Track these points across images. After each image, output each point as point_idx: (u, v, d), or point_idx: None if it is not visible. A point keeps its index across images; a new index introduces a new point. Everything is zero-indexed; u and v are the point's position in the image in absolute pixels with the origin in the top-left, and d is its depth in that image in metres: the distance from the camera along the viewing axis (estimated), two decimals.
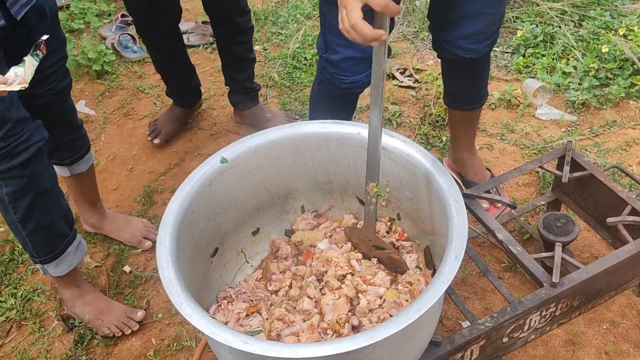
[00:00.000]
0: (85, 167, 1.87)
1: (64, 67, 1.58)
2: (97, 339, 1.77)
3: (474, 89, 1.90)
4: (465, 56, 1.66)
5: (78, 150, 1.81)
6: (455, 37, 1.62)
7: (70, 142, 1.77)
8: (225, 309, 1.35)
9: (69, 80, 1.65)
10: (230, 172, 1.39)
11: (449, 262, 1.10)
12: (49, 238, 1.58)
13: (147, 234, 2.03)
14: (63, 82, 1.60)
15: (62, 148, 1.77)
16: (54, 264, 1.62)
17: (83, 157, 1.84)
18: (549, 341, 1.66)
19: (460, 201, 1.20)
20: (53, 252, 1.60)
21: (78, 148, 1.81)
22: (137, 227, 2.04)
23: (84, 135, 1.83)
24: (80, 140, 1.81)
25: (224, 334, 1.02)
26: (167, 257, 1.17)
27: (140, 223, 2.06)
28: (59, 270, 1.64)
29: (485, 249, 1.92)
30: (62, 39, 1.56)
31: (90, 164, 1.89)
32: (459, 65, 1.75)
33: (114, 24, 3.19)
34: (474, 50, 1.65)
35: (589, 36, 2.71)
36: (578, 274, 1.50)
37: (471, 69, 1.80)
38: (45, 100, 1.56)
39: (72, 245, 1.64)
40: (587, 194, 1.82)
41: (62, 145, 1.76)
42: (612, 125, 2.35)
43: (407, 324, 1.01)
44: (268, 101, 2.66)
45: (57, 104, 1.61)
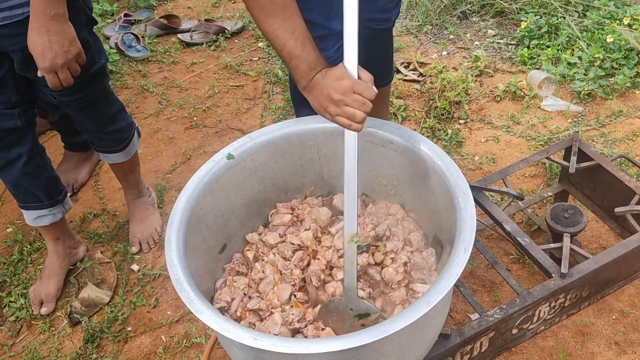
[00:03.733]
0: (123, 157, 1.93)
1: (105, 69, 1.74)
2: (108, 337, 1.78)
3: (385, 61, 1.92)
4: (380, 26, 1.70)
5: (120, 142, 1.88)
6: (370, 11, 1.65)
7: (112, 132, 1.84)
8: (231, 285, 1.35)
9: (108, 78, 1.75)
10: (237, 168, 1.39)
11: (458, 255, 1.09)
12: (25, 197, 1.79)
13: (144, 240, 2.03)
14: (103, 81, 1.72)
15: (105, 136, 1.85)
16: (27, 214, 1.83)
17: (124, 149, 1.91)
18: (558, 332, 1.66)
19: (468, 193, 1.20)
20: (18, 201, 1.82)
21: (120, 140, 1.88)
22: (145, 228, 2.04)
23: (119, 130, 1.86)
24: (118, 134, 1.86)
25: (235, 330, 1.02)
26: (175, 255, 1.17)
27: (152, 226, 2.06)
28: (31, 221, 1.83)
29: (493, 241, 1.91)
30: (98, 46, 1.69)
31: (126, 158, 1.93)
32: (373, 39, 1.77)
33: (117, 24, 3.19)
34: (386, 19, 1.69)
35: (594, 26, 2.70)
36: (587, 264, 1.49)
37: (383, 40, 1.82)
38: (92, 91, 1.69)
39: (32, 210, 1.81)
40: (595, 185, 1.81)
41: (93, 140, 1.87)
42: (618, 115, 2.34)
43: (417, 318, 1.01)
44: (272, 98, 2.65)
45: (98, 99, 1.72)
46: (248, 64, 2.91)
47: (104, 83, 1.73)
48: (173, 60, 2.97)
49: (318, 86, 1.25)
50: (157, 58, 2.99)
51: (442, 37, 2.93)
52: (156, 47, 3.07)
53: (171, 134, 2.52)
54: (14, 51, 1.50)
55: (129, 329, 1.81)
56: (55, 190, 1.82)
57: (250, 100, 2.67)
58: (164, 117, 2.62)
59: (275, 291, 1.32)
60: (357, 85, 1.18)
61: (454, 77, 2.55)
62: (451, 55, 2.79)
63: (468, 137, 2.33)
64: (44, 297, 1.88)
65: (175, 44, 3.09)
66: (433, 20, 3.01)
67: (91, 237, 2.10)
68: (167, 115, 2.62)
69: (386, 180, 1.48)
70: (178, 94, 2.75)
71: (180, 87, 2.79)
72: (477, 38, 2.89)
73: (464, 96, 2.48)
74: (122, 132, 1.87)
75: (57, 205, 1.84)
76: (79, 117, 1.77)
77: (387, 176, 1.46)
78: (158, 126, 2.57)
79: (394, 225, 1.42)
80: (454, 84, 2.52)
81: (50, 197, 1.81)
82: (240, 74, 2.83)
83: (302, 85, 1.29)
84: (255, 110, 2.60)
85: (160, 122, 2.59)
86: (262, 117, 2.55)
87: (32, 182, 1.75)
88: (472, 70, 2.64)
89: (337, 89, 1.20)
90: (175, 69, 2.93)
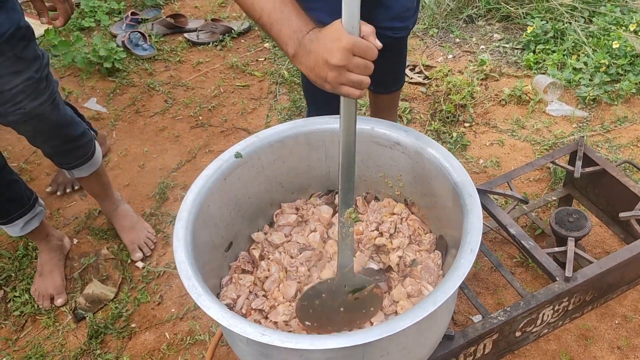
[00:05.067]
0: (86, 172, 1.85)
1: (32, 87, 1.51)
2: (112, 333, 1.79)
3: (398, 68, 1.93)
4: (397, 35, 1.69)
5: (77, 159, 1.79)
6: (387, 19, 1.64)
7: (64, 152, 1.75)
8: (236, 283, 1.36)
9: (47, 98, 1.56)
10: (245, 167, 1.40)
11: (465, 256, 1.10)
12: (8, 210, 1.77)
13: (143, 244, 2.01)
14: (34, 101, 1.53)
15: (57, 155, 1.77)
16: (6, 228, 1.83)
17: (83, 165, 1.82)
18: (561, 336, 1.66)
19: (475, 195, 1.20)
20: (2, 219, 1.78)
21: (76, 157, 1.79)
22: (138, 234, 2.02)
23: (84, 145, 1.78)
24: (79, 150, 1.78)
25: (242, 325, 1.03)
26: (183, 250, 1.18)
27: (143, 230, 2.04)
28: (19, 231, 1.83)
29: (497, 244, 1.92)
30: (27, 60, 1.49)
31: (92, 170, 1.86)
32: (388, 46, 1.77)
33: (124, 22, 3.21)
34: (403, 28, 1.69)
35: (600, 32, 2.71)
36: (591, 268, 1.50)
37: (397, 49, 1.84)
38: (17, 118, 1.53)
39: (18, 220, 1.80)
40: (599, 189, 1.82)
41: (57, 154, 1.76)
42: (623, 121, 2.35)
43: (424, 316, 1.01)
44: (278, 98, 2.66)
45: (32, 121, 1.57)
46: (254, 64, 2.92)
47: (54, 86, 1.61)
48: (179, 59, 2.98)
49: (311, 53, 1.05)
50: (164, 57, 3.00)
51: (448, 41, 2.94)
52: (162, 46, 3.08)
53: (177, 133, 2.53)
54: None
55: (133, 325, 1.82)
56: (28, 190, 1.81)
57: (256, 100, 2.68)
58: (169, 115, 2.63)
59: (281, 288, 1.32)
60: (358, 45, 1.00)
61: (460, 81, 2.56)
62: (457, 59, 2.80)
63: (473, 140, 2.33)
64: (53, 290, 1.89)
65: (181, 43, 3.11)
66: (439, 23, 3.02)
67: (96, 233, 2.11)
68: (173, 114, 2.63)
69: (392, 182, 1.49)
70: (184, 92, 2.76)
71: (187, 86, 2.80)
72: (483, 42, 2.90)
73: (469, 99, 2.49)
74: (83, 140, 1.77)
75: (35, 204, 1.83)
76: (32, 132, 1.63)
77: (393, 177, 1.47)
78: (164, 124, 2.58)
79: (399, 223, 1.42)
80: (460, 87, 2.53)
81: (29, 198, 1.79)
82: (246, 74, 2.84)
83: (290, 53, 1.10)
84: (260, 110, 2.61)
85: (166, 121, 2.60)
86: (268, 117, 2.56)
87: (12, 192, 1.73)
88: (477, 73, 2.65)
89: (335, 52, 1.01)
90: (181, 68, 2.94)
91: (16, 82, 1.48)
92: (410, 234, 1.41)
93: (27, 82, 1.50)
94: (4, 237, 2.13)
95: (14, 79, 1.48)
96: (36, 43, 1.55)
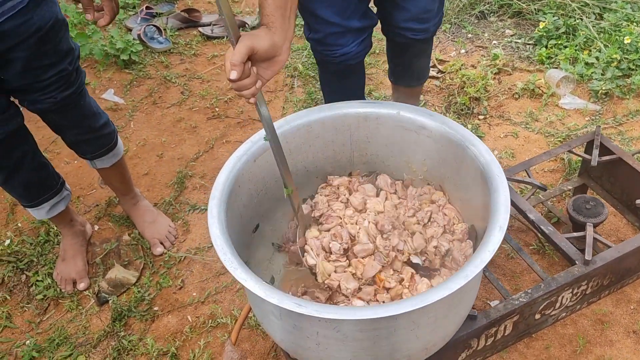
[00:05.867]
0: (108, 163, 1.88)
1: (64, 79, 1.56)
2: (135, 315, 1.82)
3: (420, 67, 1.95)
4: (416, 37, 1.71)
5: (99, 148, 1.82)
6: (404, 20, 1.66)
7: (87, 141, 1.79)
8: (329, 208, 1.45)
9: (76, 89, 1.62)
10: None
11: (494, 233, 1.13)
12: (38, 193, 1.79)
13: (165, 238, 2.03)
14: (65, 91, 1.58)
15: (80, 144, 1.80)
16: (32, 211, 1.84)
17: (105, 155, 1.85)
18: (577, 320, 1.69)
19: (502, 176, 1.24)
20: (30, 201, 1.80)
21: (98, 146, 1.82)
22: (159, 228, 2.04)
23: (106, 134, 1.81)
24: (101, 140, 1.80)
25: (278, 296, 1.06)
26: (217, 227, 1.21)
27: (165, 225, 2.06)
28: (46, 214, 1.85)
29: (514, 232, 1.95)
30: (62, 52, 1.53)
31: (114, 161, 1.89)
32: (409, 46, 1.79)
33: (139, 16, 3.24)
34: (423, 30, 1.69)
35: (611, 28, 2.74)
36: (610, 252, 1.53)
37: (419, 50, 1.85)
38: (46, 106, 1.58)
39: (45, 203, 1.82)
40: (615, 178, 1.85)
41: (80, 142, 1.79)
42: (635, 115, 2.38)
43: (455, 289, 1.04)
44: (294, 90, 2.70)
45: (60, 110, 1.62)
46: None
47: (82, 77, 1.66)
48: (194, 52, 3.02)
49: None
50: (179, 50, 3.04)
51: (461, 36, 2.97)
52: (177, 39, 3.12)
53: (194, 123, 2.56)
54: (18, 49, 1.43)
55: (156, 308, 1.85)
56: (56, 174, 1.84)
57: (272, 92, 2.71)
58: (186, 107, 2.66)
59: (366, 263, 1.36)
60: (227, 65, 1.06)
61: (473, 74, 2.59)
62: (469, 54, 2.84)
63: (487, 132, 2.37)
64: (75, 275, 1.92)
65: (196, 37, 3.14)
66: (452, 19, 3.05)
67: (117, 220, 2.14)
68: (190, 105, 2.67)
69: (416, 166, 1.52)
70: (200, 85, 2.79)
71: (202, 78, 2.83)
72: (495, 37, 2.93)
73: (483, 93, 2.52)
74: (105, 130, 1.80)
75: (62, 188, 1.85)
76: (58, 120, 1.68)
77: (418, 162, 1.50)
78: (181, 115, 2.61)
79: (436, 212, 1.45)
80: (474, 80, 2.56)
81: (57, 182, 1.82)
82: None
83: None
84: (276, 102, 2.65)
85: (183, 112, 2.63)
86: (284, 109, 2.59)
87: (42, 174, 1.76)
88: (490, 68, 2.68)
89: None
90: (196, 61, 2.97)
91: (52, 73, 1.52)
92: (445, 224, 1.43)
93: (61, 74, 1.55)
94: (26, 224, 2.16)
95: (49, 70, 1.52)
96: (70, 35, 1.58)
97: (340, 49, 1.68)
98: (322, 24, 1.63)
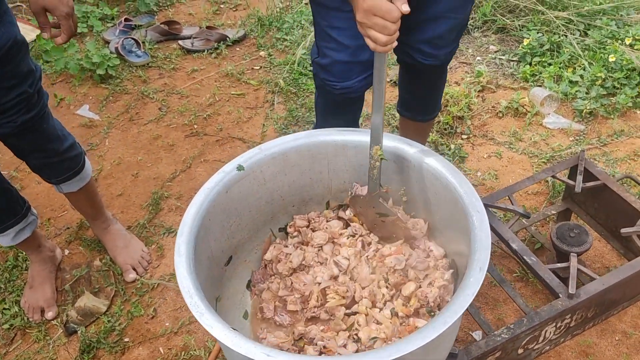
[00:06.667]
0: (75, 187, 1.80)
1: (25, 101, 1.50)
2: (104, 347, 1.74)
3: (428, 99, 1.89)
4: (425, 62, 1.64)
5: (64, 172, 1.74)
6: (417, 41, 1.61)
7: (51, 165, 1.71)
8: None
9: (38, 111, 1.55)
10: (247, 179, 1.37)
11: (474, 274, 1.08)
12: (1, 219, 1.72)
13: (137, 264, 1.95)
14: (26, 115, 1.51)
15: (44, 169, 1.72)
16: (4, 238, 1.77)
17: (72, 179, 1.77)
18: (562, 352, 1.65)
19: (482, 212, 1.19)
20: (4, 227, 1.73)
21: (63, 170, 1.74)
22: (132, 253, 1.97)
23: (72, 157, 1.73)
24: (66, 163, 1.72)
25: (246, 345, 1.00)
26: (185, 267, 1.15)
27: (138, 250, 1.98)
28: (10, 241, 1.77)
29: (496, 258, 1.90)
30: (22, 74, 1.47)
31: (82, 185, 1.81)
32: (418, 71, 1.74)
33: (118, 28, 3.17)
34: (433, 55, 1.63)
35: (596, 45, 2.72)
36: (594, 285, 1.49)
37: (428, 77, 1.79)
38: (6, 130, 1.51)
39: (10, 230, 1.74)
40: (599, 204, 1.82)
41: (43, 167, 1.71)
42: (620, 135, 2.35)
43: (433, 338, 0.99)
44: (274, 107, 2.64)
45: (21, 134, 1.55)
46: (249, 72, 2.90)
47: (45, 99, 1.59)
48: (174, 66, 2.95)
49: (353, 1, 1.19)
50: (158, 64, 2.97)
51: None
52: (156, 53, 3.05)
53: (171, 141, 2.49)
54: None
55: (126, 339, 1.77)
56: (21, 199, 1.76)
57: (252, 109, 2.65)
58: (164, 123, 2.60)
59: None
60: (377, 7, 1.12)
61: (457, 92, 2.55)
62: (453, 70, 2.80)
63: (471, 152, 2.32)
64: (43, 303, 1.85)
65: (176, 50, 3.07)
66: None
67: (88, 244, 2.07)
68: (167, 122, 2.60)
69: (397, 196, 1.47)
70: (178, 100, 2.73)
71: (181, 94, 2.77)
72: (479, 53, 2.90)
73: (467, 111, 2.48)
74: (70, 153, 1.72)
75: (28, 213, 1.77)
76: (19, 144, 1.61)
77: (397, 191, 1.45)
78: (158, 132, 2.54)
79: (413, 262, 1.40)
80: (457, 98, 2.52)
81: (21, 207, 1.74)
82: (241, 83, 2.82)
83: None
84: (256, 119, 2.59)
85: (161, 129, 2.56)
86: (264, 127, 2.53)
87: (5, 200, 1.69)
88: (474, 85, 2.65)
89: (359, 9, 1.15)
90: (175, 75, 2.91)
91: (10, 97, 1.46)
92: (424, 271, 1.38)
93: (21, 97, 1.48)
94: None
95: (8, 93, 1.45)
96: (30, 56, 1.52)
97: (343, 82, 1.60)
98: (333, 49, 1.55)
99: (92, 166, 2.33)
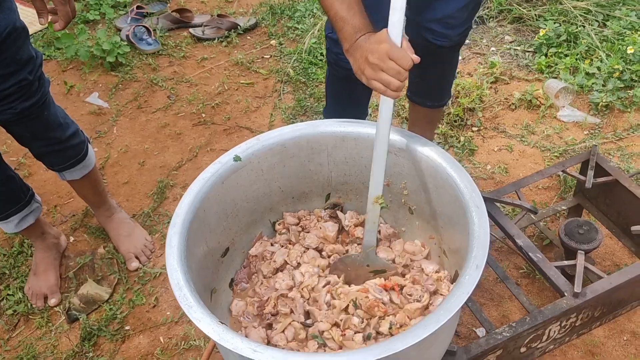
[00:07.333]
0: (78, 175, 1.80)
1: (25, 89, 1.48)
2: (105, 335, 1.75)
3: (438, 83, 1.85)
4: (436, 42, 1.61)
5: (66, 160, 1.74)
6: (428, 20, 1.57)
7: (53, 152, 1.70)
8: None
9: (38, 99, 1.54)
10: (244, 170, 1.35)
11: (470, 272, 1.05)
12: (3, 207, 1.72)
13: (140, 253, 1.95)
14: (26, 102, 1.50)
15: (46, 156, 1.71)
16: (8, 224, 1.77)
17: (75, 166, 1.76)
18: (567, 352, 1.61)
19: (482, 208, 1.15)
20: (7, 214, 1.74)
21: (66, 158, 1.73)
22: (135, 242, 1.96)
23: (75, 145, 1.72)
24: (68, 151, 1.72)
25: (234, 340, 0.98)
26: (176, 259, 1.13)
27: (141, 239, 1.97)
28: (14, 228, 1.78)
29: (503, 254, 1.86)
30: (22, 61, 1.46)
31: (85, 173, 1.80)
32: (428, 52, 1.70)
33: (129, 16, 3.16)
34: (445, 35, 1.60)
35: (614, 36, 2.64)
36: (601, 283, 1.44)
37: (439, 59, 1.74)
38: (6, 117, 1.51)
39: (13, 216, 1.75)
40: (611, 200, 1.76)
41: (46, 154, 1.70)
42: (636, 129, 2.28)
43: (425, 336, 0.96)
44: (282, 97, 2.61)
45: (22, 121, 1.54)
46: (259, 61, 2.87)
47: (46, 86, 1.58)
48: (184, 54, 2.94)
49: (359, 49, 1.23)
50: (168, 52, 2.95)
51: None
52: (167, 40, 3.03)
53: (179, 130, 2.48)
54: None
55: (127, 328, 1.77)
56: (25, 186, 1.76)
57: (260, 98, 2.62)
58: (172, 112, 2.58)
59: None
60: (394, 51, 1.15)
61: (469, 83, 2.50)
62: (466, 61, 2.74)
63: (481, 145, 2.27)
64: (47, 289, 1.85)
65: (186, 38, 3.06)
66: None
67: (93, 232, 2.07)
68: (176, 111, 2.59)
69: (397, 189, 1.44)
70: (187, 89, 2.71)
71: (190, 82, 2.75)
72: (494, 44, 2.83)
73: (478, 103, 2.43)
74: (73, 141, 1.71)
75: (31, 200, 1.77)
76: (21, 131, 1.61)
77: (398, 185, 1.42)
78: (166, 121, 2.53)
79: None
80: (469, 90, 2.47)
81: (25, 194, 1.74)
82: (251, 72, 2.79)
83: (345, 47, 1.28)
84: (264, 109, 2.56)
85: (169, 117, 2.55)
86: (272, 117, 2.51)
87: (8, 187, 1.69)
88: (487, 76, 2.59)
89: (374, 52, 1.17)
90: (185, 63, 2.89)
91: (10, 84, 1.45)
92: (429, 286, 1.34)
93: (21, 84, 1.47)
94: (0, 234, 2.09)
95: (7, 80, 1.44)
96: (30, 43, 1.50)
97: None
98: None
99: (99, 154, 2.35)
